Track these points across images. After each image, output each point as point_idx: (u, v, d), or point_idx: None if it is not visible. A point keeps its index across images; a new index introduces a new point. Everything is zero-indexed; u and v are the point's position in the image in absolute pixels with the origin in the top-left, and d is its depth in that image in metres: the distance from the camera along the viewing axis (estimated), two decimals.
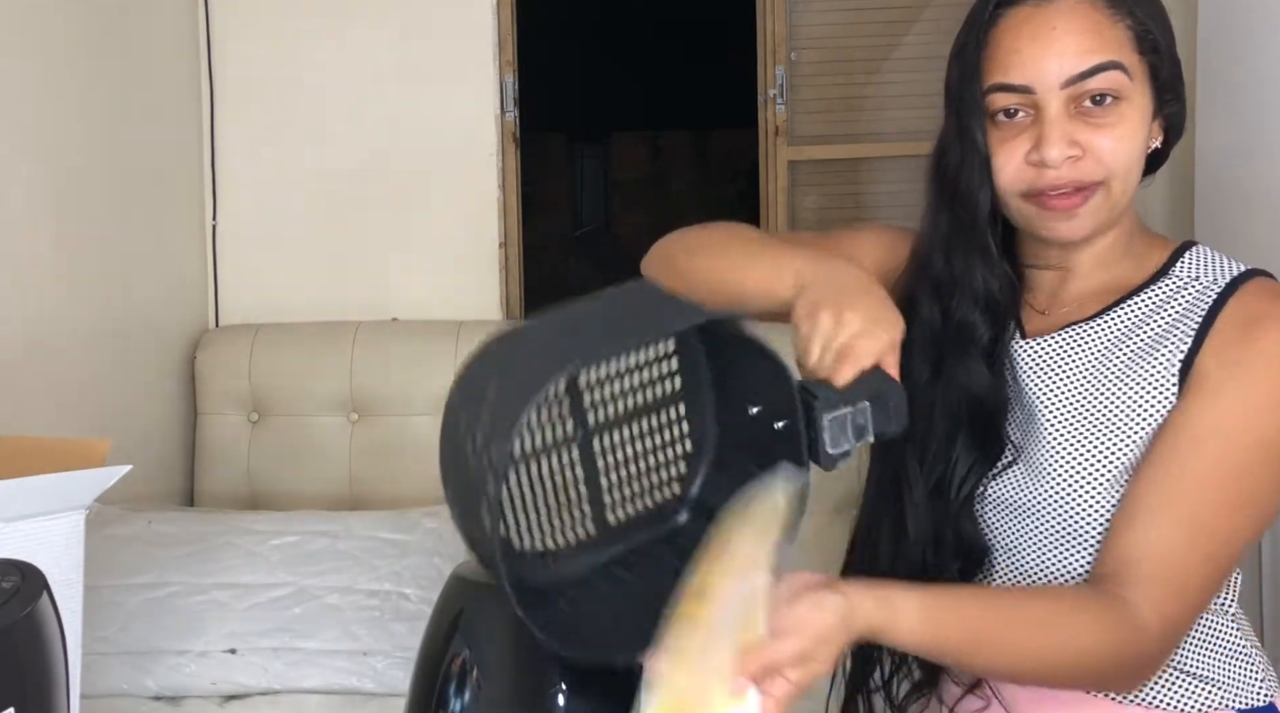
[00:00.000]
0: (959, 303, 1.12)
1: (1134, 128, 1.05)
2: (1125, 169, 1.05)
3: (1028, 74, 1.04)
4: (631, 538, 0.96)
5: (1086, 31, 1.03)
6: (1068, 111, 1.04)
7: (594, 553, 0.95)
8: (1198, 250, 1.12)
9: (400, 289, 2.44)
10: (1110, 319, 1.10)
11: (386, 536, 1.93)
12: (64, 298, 1.99)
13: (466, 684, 1.01)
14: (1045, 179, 1.05)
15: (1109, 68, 1.03)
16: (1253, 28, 1.87)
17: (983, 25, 1.07)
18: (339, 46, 2.44)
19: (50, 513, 0.97)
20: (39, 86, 1.92)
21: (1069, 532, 1.08)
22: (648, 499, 0.97)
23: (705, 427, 0.97)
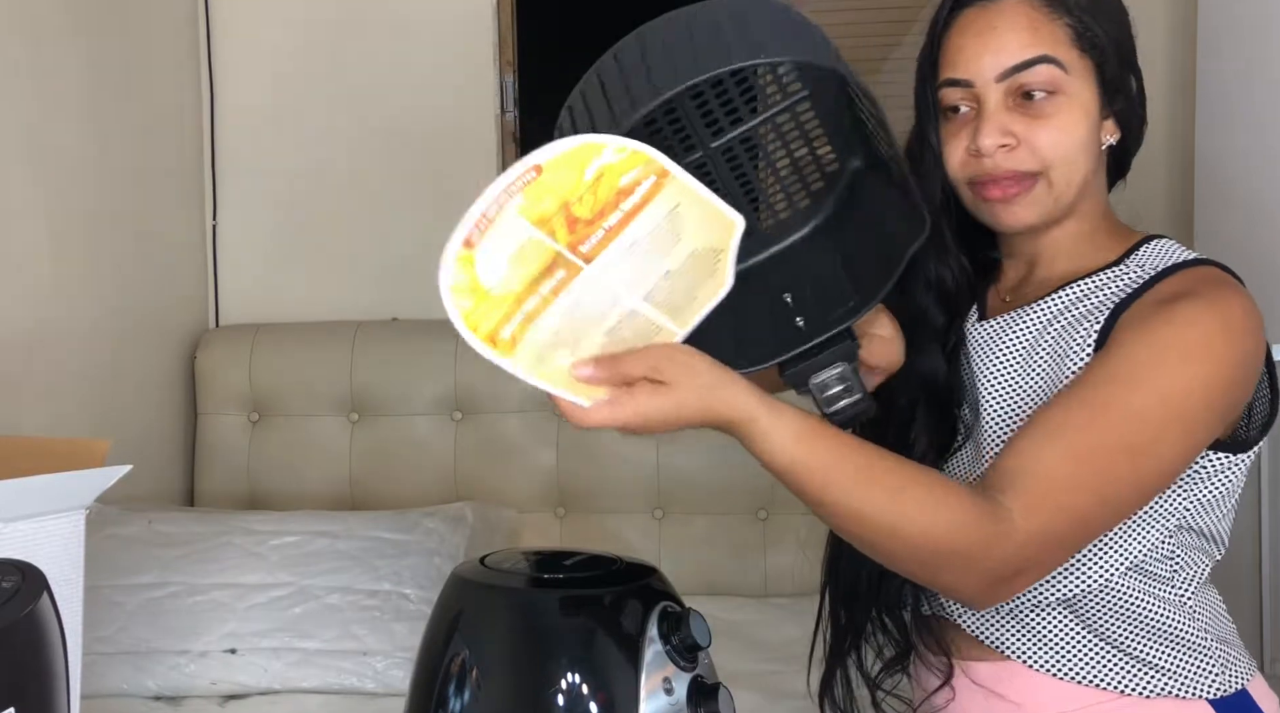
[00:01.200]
0: (913, 289, 1.17)
1: (1072, 120, 1.10)
2: (1063, 160, 1.10)
3: (969, 69, 1.11)
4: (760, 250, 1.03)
5: (1023, 29, 1.10)
6: (1006, 104, 1.10)
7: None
8: (1159, 242, 1.16)
9: (400, 289, 2.44)
10: (1050, 301, 1.15)
11: (386, 536, 1.93)
12: (64, 298, 1.99)
13: (466, 684, 1.01)
14: (983, 168, 1.11)
15: (1042, 61, 1.09)
16: (1253, 28, 1.87)
17: (938, 29, 1.15)
18: (339, 46, 2.44)
19: (50, 513, 0.97)
20: (38, 86, 1.92)
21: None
22: (784, 210, 1.04)
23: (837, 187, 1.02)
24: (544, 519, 2.27)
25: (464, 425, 2.29)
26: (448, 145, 2.44)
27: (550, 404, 0.96)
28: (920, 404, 1.16)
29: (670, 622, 1.02)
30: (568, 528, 2.27)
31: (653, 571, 1.09)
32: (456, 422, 2.29)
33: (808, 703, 1.71)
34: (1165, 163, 2.26)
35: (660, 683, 1.00)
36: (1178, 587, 1.13)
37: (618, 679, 0.99)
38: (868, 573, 1.17)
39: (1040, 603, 1.12)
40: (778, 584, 2.18)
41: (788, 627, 2.03)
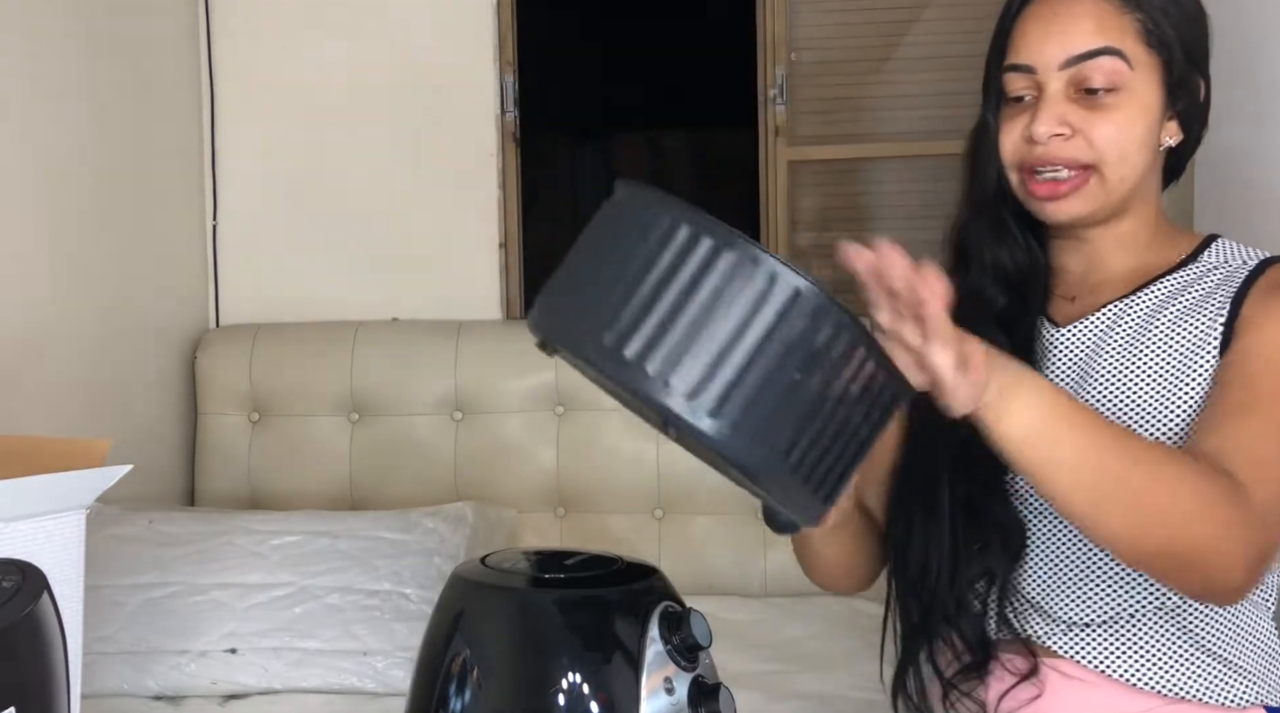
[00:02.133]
0: (974, 274, 1.17)
1: (1131, 116, 1.09)
2: (1119, 156, 1.09)
3: (1031, 55, 1.10)
4: None
5: (1090, 17, 1.08)
6: (1066, 94, 1.09)
7: None
8: (1224, 241, 1.17)
9: (400, 289, 2.44)
10: (1145, 295, 1.14)
11: (386, 535, 1.93)
12: (64, 298, 1.99)
13: (467, 684, 1.01)
14: (1034, 154, 1.10)
15: (1107, 53, 1.08)
16: (1256, 27, 1.87)
17: (1010, 14, 1.14)
18: (339, 47, 2.44)
19: (50, 513, 0.96)
20: (38, 86, 1.92)
21: None
22: None
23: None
24: (544, 519, 2.27)
25: (464, 425, 2.29)
26: (448, 145, 2.44)
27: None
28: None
29: (671, 622, 1.02)
30: (568, 528, 2.27)
31: (653, 571, 1.10)
32: (456, 422, 2.29)
33: (809, 703, 1.72)
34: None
35: (661, 683, 1.00)
36: (1264, 588, 1.12)
37: (618, 679, 0.99)
38: (938, 560, 1.14)
39: (1137, 612, 1.11)
40: (778, 584, 2.18)
41: (788, 627, 2.03)
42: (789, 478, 0.79)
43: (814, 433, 0.79)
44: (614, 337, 0.78)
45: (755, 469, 0.78)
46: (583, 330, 0.81)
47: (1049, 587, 1.14)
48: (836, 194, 2.62)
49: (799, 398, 0.78)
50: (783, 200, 2.56)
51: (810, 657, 1.89)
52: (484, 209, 2.45)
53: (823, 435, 0.79)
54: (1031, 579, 1.15)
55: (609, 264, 0.81)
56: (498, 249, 2.46)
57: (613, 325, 0.78)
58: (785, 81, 2.54)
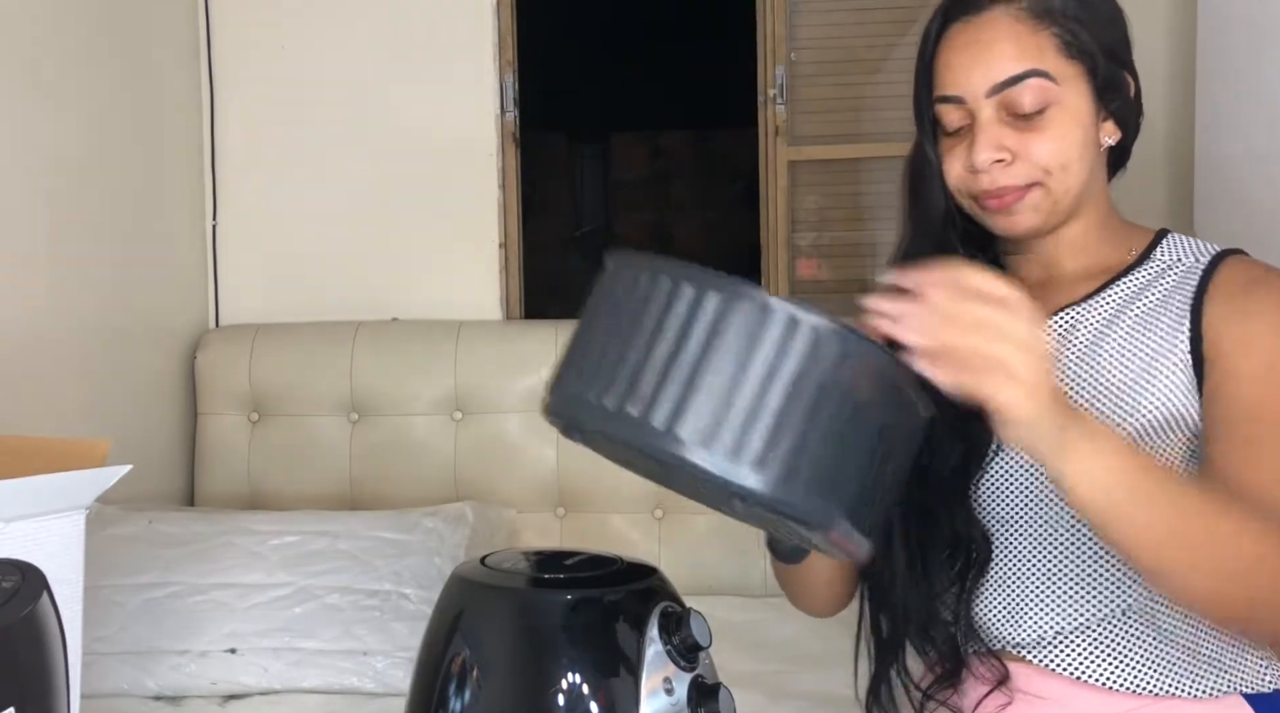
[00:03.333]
0: None
1: (1066, 129, 1.10)
2: (1060, 168, 1.10)
3: (959, 85, 1.11)
4: None
5: (1008, 41, 1.09)
6: (999, 118, 1.10)
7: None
8: (1175, 237, 1.18)
9: (400, 289, 2.44)
10: (1099, 301, 1.15)
11: (386, 535, 1.93)
12: (64, 298, 1.99)
13: (467, 684, 1.01)
14: (980, 184, 1.12)
15: (1031, 75, 1.08)
16: (1253, 29, 1.87)
17: (929, 45, 1.15)
18: (339, 47, 2.44)
19: (50, 513, 0.96)
20: (38, 87, 1.92)
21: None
22: None
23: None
24: (544, 519, 2.27)
25: (464, 425, 2.29)
26: (448, 145, 2.44)
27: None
28: (947, 408, 1.14)
29: (671, 622, 1.02)
30: (568, 528, 2.27)
31: (653, 571, 1.10)
32: (456, 422, 2.29)
33: (808, 703, 1.72)
34: (1165, 163, 2.26)
35: (661, 683, 1.00)
36: None
37: (618, 680, 0.99)
38: (904, 572, 1.16)
39: (1107, 615, 1.12)
40: (778, 584, 2.18)
41: (788, 627, 2.02)
42: (844, 522, 0.77)
43: (858, 470, 0.77)
44: (639, 407, 0.76)
45: (812, 518, 0.76)
46: (605, 407, 0.78)
47: (1017, 598, 1.15)
48: (836, 194, 2.61)
49: (839, 436, 0.75)
50: (783, 200, 2.56)
51: (810, 657, 1.88)
52: (484, 209, 2.45)
53: (868, 473, 0.78)
54: (998, 591, 1.16)
55: (616, 338, 0.79)
56: (498, 249, 2.46)
57: (632, 396, 0.76)
58: (785, 81, 2.54)
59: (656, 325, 0.77)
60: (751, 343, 0.75)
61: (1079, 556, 1.12)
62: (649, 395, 0.76)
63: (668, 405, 0.75)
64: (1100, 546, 1.11)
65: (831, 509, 0.76)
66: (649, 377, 0.76)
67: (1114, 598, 1.11)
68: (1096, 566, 1.12)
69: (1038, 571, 1.14)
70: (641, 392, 0.76)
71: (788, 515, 0.76)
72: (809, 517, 0.76)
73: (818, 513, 0.76)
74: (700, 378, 0.75)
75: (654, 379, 0.76)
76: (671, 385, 0.75)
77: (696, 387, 0.75)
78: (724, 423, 0.74)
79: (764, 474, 0.74)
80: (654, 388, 0.76)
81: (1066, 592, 1.13)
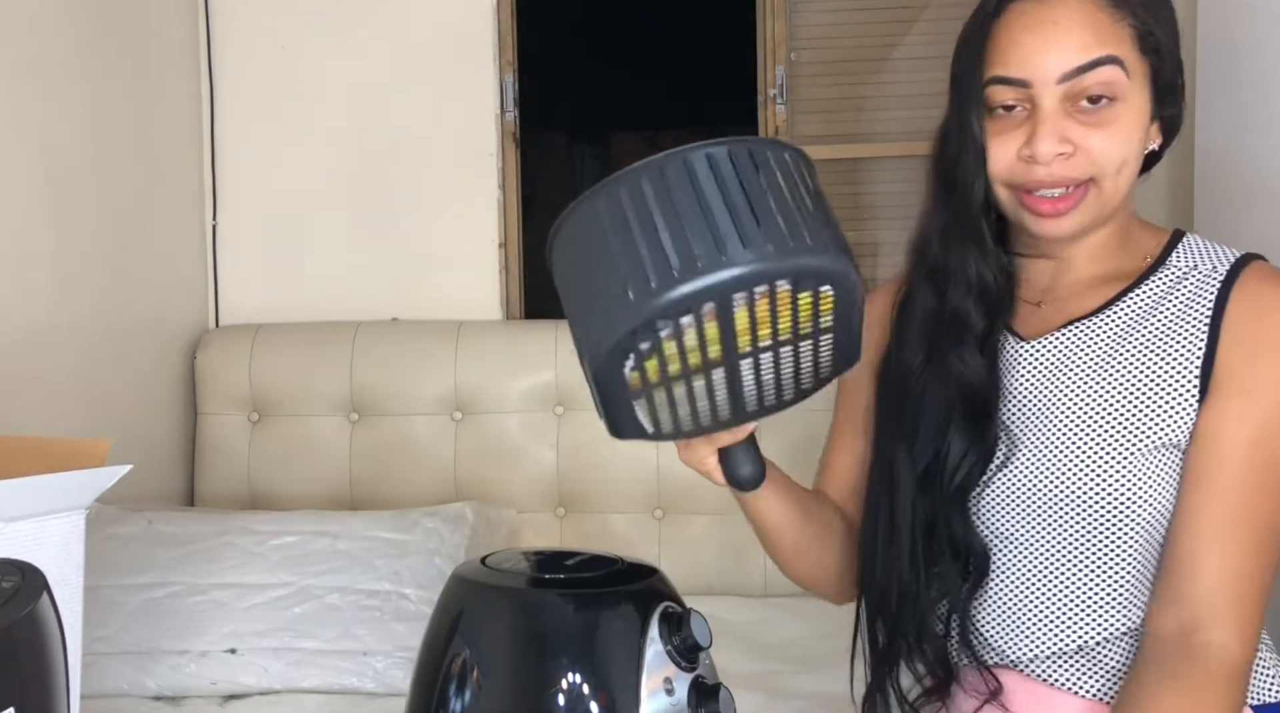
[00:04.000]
0: (954, 291, 1.13)
1: (1129, 127, 1.06)
2: (1117, 169, 1.06)
3: (1026, 68, 1.05)
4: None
5: (1087, 27, 1.04)
6: (1063, 108, 1.05)
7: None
8: (1190, 239, 1.13)
9: (400, 289, 2.44)
10: (1113, 314, 1.11)
11: (386, 535, 1.93)
12: (64, 298, 1.99)
13: (467, 684, 1.01)
14: (1035, 175, 1.06)
15: (1107, 62, 1.03)
16: (1253, 27, 1.87)
17: (987, 17, 1.08)
18: (339, 47, 2.44)
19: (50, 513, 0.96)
20: (38, 87, 1.92)
21: (1080, 519, 1.09)
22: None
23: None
24: (544, 519, 2.27)
25: (464, 425, 2.29)
26: (448, 145, 2.44)
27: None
28: (957, 411, 1.12)
29: (671, 622, 1.02)
30: (568, 528, 2.27)
31: (653, 571, 1.09)
32: (456, 422, 2.29)
33: (808, 703, 1.72)
34: (1165, 162, 2.24)
35: (661, 683, 1.00)
36: None
37: (618, 680, 0.99)
38: (899, 581, 1.14)
39: (1108, 637, 1.10)
40: (778, 584, 2.18)
41: (788, 627, 2.03)
42: (840, 256, 0.87)
43: (822, 216, 0.88)
44: (635, 291, 0.84)
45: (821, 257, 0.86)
46: (624, 302, 0.85)
47: (1016, 614, 1.14)
48: (836, 194, 2.61)
49: (790, 199, 0.87)
50: None
51: (810, 657, 1.89)
52: (484, 209, 2.45)
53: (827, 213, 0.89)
54: (998, 605, 1.15)
55: (614, 258, 0.86)
56: (498, 249, 2.46)
57: (628, 288, 0.85)
58: (785, 81, 2.54)
59: (626, 229, 0.86)
60: (693, 183, 0.86)
61: (1081, 577, 1.10)
62: (640, 279, 0.84)
63: (657, 270, 0.84)
64: (1102, 568, 1.09)
65: (827, 246, 0.86)
66: (657, 255, 0.84)
67: (1116, 621, 1.10)
68: (1099, 588, 1.10)
69: (1039, 588, 1.12)
70: (635, 281, 0.85)
71: (809, 272, 0.85)
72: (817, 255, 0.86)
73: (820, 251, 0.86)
74: (662, 236, 0.85)
75: (659, 253, 0.85)
76: (645, 257, 0.85)
77: (662, 242, 0.85)
78: (724, 232, 0.84)
79: (785, 246, 0.85)
80: (633, 272, 0.85)
81: (1067, 612, 1.11)
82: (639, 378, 0.88)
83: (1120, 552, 1.08)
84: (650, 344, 0.86)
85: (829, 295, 0.87)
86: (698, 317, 0.84)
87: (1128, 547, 1.08)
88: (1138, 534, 1.07)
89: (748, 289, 0.84)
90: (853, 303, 0.89)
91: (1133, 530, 1.07)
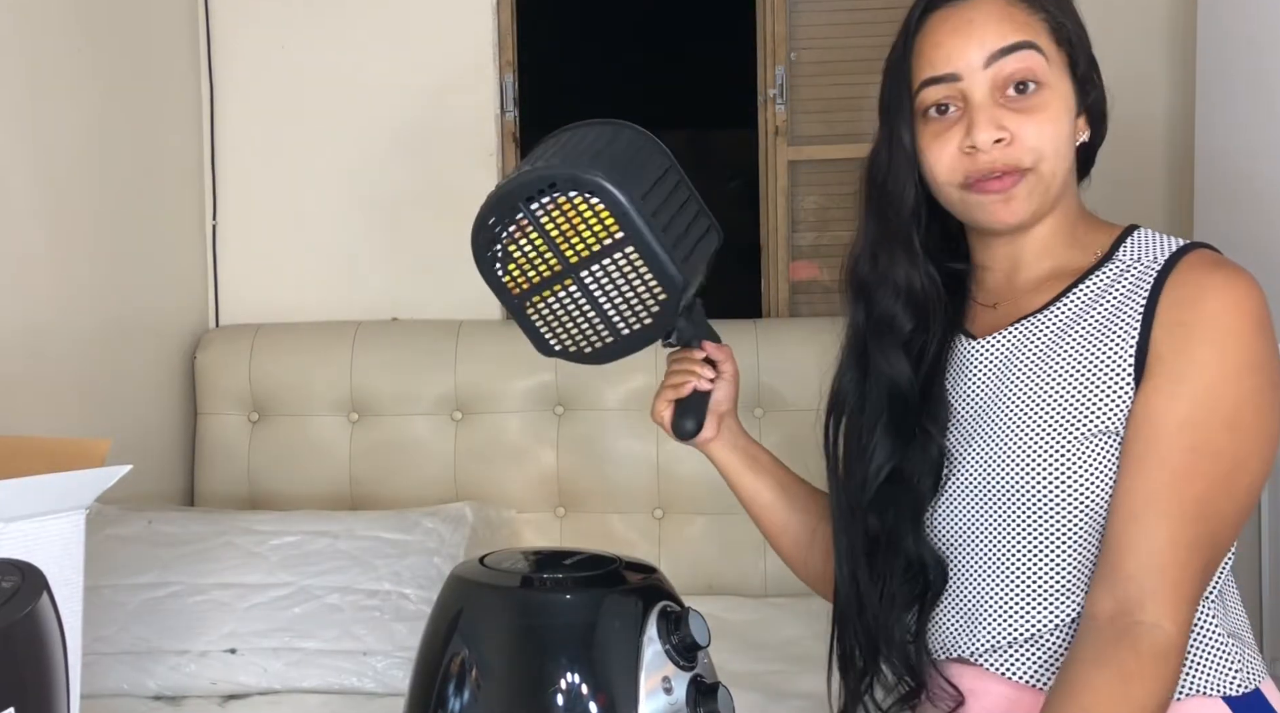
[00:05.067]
0: (881, 296, 1.19)
1: (1057, 113, 1.11)
2: (1053, 152, 1.11)
3: (952, 62, 1.11)
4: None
5: (1004, 19, 1.11)
6: (993, 98, 1.10)
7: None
8: (1141, 233, 1.16)
9: (400, 289, 2.44)
10: (1057, 309, 1.14)
11: (386, 535, 1.93)
12: (64, 298, 1.99)
13: (466, 684, 1.01)
14: (979, 165, 1.11)
15: (1026, 47, 1.10)
16: (1252, 28, 1.87)
17: (910, 35, 1.15)
18: (339, 47, 2.44)
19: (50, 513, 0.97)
20: (38, 87, 1.92)
21: (1023, 507, 1.11)
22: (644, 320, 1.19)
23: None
24: (544, 519, 2.27)
25: (464, 425, 2.29)
26: (448, 145, 2.44)
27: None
28: (885, 411, 1.18)
29: (669, 621, 1.03)
30: (568, 528, 2.27)
31: (653, 570, 1.10)
32: (456, 422, 2.29)
33: (808, 703, 1.72)
34: (1165, 163, 2.26)
35: (660, 683, 1.00)
36: (1210, 584, 1.12)
37: (617, 679, 0.99)
38: (860, 595, 1.19)
39: (1059, 623, 1.12)
40: (778, 584, 2.18)
41: (787, 627, 2.03)
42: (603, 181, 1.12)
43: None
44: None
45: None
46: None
47: (970, 609, 1.16)
48: (836, 194, 2.61)
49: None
50: (783, 200, 2.57)
51: (809, 657, 1.88)
52: None
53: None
54: (953, 602, 1.17)
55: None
56: None
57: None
58: (785, 81, 2.54)
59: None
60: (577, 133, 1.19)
61: (1029, 565, 1.12)
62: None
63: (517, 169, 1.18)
64: (1049, 555, 1.11)
65: (591, 167, 1.13)
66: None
67: (1065, 608, 1.11)
68: (1046, 575, 1.12)
69: (990, 582, 1.14)
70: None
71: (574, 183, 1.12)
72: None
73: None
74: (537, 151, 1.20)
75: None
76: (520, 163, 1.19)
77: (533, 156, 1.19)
78: (538, 154, 1.18)
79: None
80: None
81: (1016, 602, 1.13)
82: (513, 282, 1.19)
83: (1064, 538, 1.10)
84: (499, 246, 1.16)
85: (600, 206, 1.11)
86: (521, 226, 1.14)
87: (1071, 533, 1.10)
88: (1079, 521, 1.09)
89: (535, 192, 1.12)
90: (625, 215, 1.11)
91: (1074, 517, 1.09)
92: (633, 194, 1.11)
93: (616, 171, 1.12)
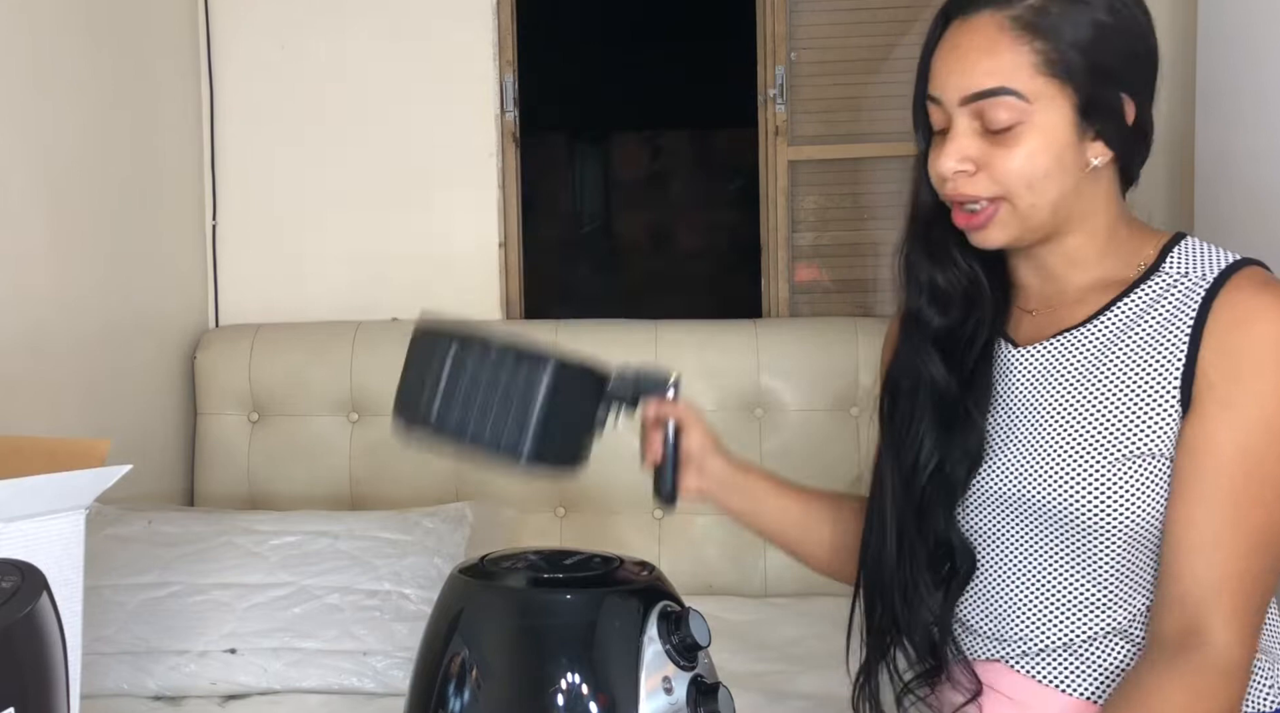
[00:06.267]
0: (910, 295, 1.20)
1: (1034, 148, 1.07)
2: (1026, 186, 1.08)
3: (939, 87, 1.11)
4: None
5: (984, 52, 1.08)
6: (972, 128, 1.09)
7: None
8: (1188, 242, 1.13)
9: (400, 289, 2.44)
10: (1101, 323, 1.13)
11: (386, 536, 1.93)
12: (64, 298, 1.99)
13: (466, 684, 1.01)
14: (944, 190, 1.12)
15: (1000, 93, 1.07)
16: (1253, 28, 1.87)
17: (931, 39, 1.14)
18: (339, 47, 2.44)
19: (50, 513, 0.97)
20: (38, 87, 1.92)
21: (1058, 522, 1.11)
22: None
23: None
24: (544, 519, 2.27)
25: None
26: (448, 145, 2.44)
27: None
28: (928, 411, 1.18)
29: (670, 621, 1.02)
30: (568, 528, 2.27)
31: (653, 570, 1.10)
32: None
33: (808, 703, 1.72)
34: (1165, 163, 2.26)
35: (660, 683, 1.00)
36: None
37: (617, 679, 0.99)
38: (889, 579, 1.19)
39: (1093, 635, 1.12)
40: (778, 584, 2.18)
41: (788, 627, 2.03)
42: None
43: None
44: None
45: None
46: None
47: (1003, 610, 1.16)
48: (836, 194, 2.61)
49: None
50: (783, 200, 2.57)
51: (810, 657, 1.89)
52: (484, 209, 2.45)
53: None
54: (985, 601, 1.17)
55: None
56: (498, 249, 2.46)
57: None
58: (785, 81, 2.54)
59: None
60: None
61: (1063, 576, 1.12)
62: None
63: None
64: (1084, 569, 1.11)
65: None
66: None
67: (1100, 620, 1.11)
68: (1081, 587, 1.11)
69: (1023, 585, 1.14)
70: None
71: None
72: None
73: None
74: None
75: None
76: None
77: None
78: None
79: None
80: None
81: (1052, 609, 1.13)
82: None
83: (1101, 554, 1.10)
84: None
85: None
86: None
87: (1108, 550, 1.09)
88: (1118, 538, 1.09)
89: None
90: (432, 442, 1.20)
91: (1112, 534, 1.09)
92: (417, 417, 1.23)
93: (405, 408, 1.25)
